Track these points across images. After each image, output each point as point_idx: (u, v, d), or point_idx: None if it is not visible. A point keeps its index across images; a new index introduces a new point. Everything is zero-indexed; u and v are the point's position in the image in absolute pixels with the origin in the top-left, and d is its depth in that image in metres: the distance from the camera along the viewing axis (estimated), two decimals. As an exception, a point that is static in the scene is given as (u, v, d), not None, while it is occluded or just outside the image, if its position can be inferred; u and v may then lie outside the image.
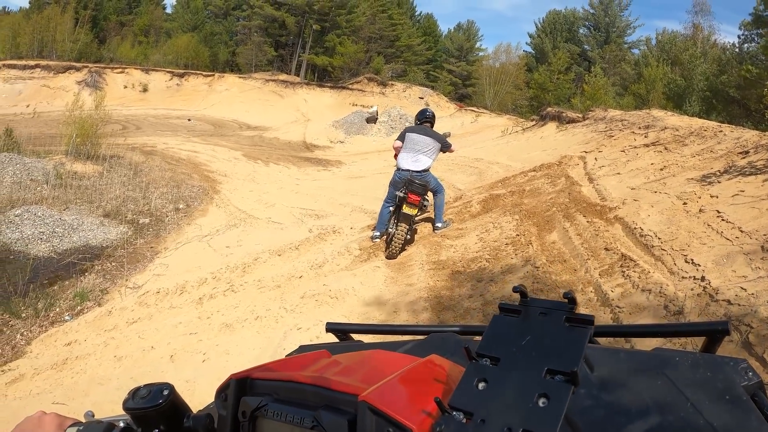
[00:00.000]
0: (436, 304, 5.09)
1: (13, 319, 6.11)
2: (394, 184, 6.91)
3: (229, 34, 49.84)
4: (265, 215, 10.08)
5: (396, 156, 7.26)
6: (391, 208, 6.88)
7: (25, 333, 5.87)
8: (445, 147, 7.18)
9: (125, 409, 0.83)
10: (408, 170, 6.80)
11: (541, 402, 0.61)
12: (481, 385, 0.66)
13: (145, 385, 0.85)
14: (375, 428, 0.66)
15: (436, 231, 7.27)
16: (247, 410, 0.78)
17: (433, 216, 7.47)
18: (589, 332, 0.70)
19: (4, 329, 5.93)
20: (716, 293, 3.95)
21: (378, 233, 7.11)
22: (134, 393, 0.84)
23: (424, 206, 6.97)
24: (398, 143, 7.17)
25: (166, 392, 0.83)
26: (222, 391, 0.83)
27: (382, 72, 40.37)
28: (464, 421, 0.63)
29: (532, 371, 0.66)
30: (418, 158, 6.88)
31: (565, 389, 0.62)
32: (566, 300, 0.75)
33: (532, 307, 0.76)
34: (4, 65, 33.46)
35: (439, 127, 7.70)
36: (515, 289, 0.78)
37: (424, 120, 7.39)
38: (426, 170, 6.90)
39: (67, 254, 7.80)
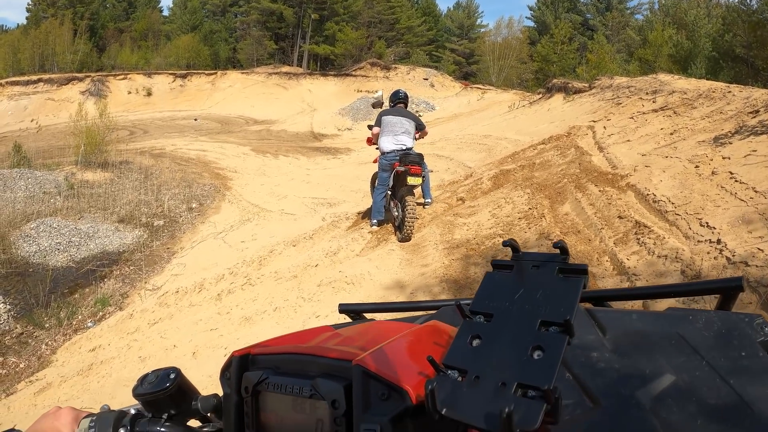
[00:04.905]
0: (453, 283, 5.08)
1: (38, 330, 6.21)
2: (384, 169, 6.86)
3: (228, 31, 49.81)
4: (277, 207, 10.12)
5: (369, 141, 7.45)
6: (389, 192, 6.88)
7: (49, 343, 5.97)
8: (420, 127, 7.24)
9: (135, 395, 0.85)
10: (394, 151, 6.78)
11: (536, 354, 0.60)
12: (475, 342, 0.65)
13: (153, 371, 0.87)
14: (370, 391, 0.66)
15: (426, 206, 7.58)
16: (249, 385, 0.78)
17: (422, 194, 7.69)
18: (583, 281, 0.68)
19: (30, 341, 6.04)
20: (733, 255, 3.91)
21: (376, 221, 7.10)
22: (143, 379, 0.86)
23: (425, 175, 6.95)
24: (376, 129, 7.16)
25: (172, 376, 0.85)
26: (225, 370, 0.83)
27: (385, 56, 40.19)
28: (459, 379, 0.62)
29: (525, 325, 0.64)
30: (401, 139, 6.86)
31: (559, 340, 0.61)
32: (558, 251, 0.73)
33: (525, 261, 0.74)
34: (7, 83, 33.67)
35: (445, 107, 7.71)
36: (505, 244, 0.76)
37: (398, 101, 7.46)
38: (411, 148, 6.92)
39: (85, 262, 7.89)
